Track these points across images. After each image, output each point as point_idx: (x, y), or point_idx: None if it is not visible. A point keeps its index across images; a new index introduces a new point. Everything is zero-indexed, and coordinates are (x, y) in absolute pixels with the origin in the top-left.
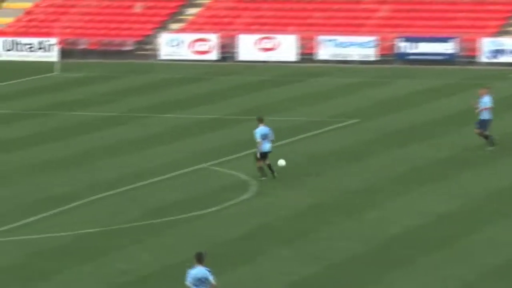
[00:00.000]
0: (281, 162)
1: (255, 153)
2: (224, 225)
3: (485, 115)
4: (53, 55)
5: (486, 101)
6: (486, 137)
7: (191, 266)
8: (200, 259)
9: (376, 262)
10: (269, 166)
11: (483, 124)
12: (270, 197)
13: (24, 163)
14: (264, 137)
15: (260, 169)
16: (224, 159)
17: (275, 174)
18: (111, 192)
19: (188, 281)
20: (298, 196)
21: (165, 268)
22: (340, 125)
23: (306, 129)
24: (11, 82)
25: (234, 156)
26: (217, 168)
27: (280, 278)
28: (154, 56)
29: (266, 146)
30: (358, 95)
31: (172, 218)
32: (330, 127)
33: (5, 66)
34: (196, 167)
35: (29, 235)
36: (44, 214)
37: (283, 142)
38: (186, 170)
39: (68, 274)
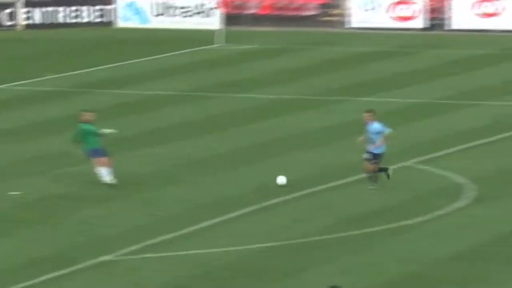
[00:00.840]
0: (282, 180)
1: None
2: (433, 240)
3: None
4: (214, 22)
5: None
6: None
7: None
8: None
9: None
10: None
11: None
12: (492, 207)
13: (180, 160)
14: None
15: None
16: (433, 155)
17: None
18: (288, 197)
19: None
20: None
21: None
22: None
23: None
24: (161, 56)
25: (446, 151)
26: (424, 167)
27: None
28: (343, 23)
29: None
30: None
31: (371, 229)
32: None
33: (155, 35)
34: (397, 165)
35: (193, 249)
36: (209, 223)
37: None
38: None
39: None
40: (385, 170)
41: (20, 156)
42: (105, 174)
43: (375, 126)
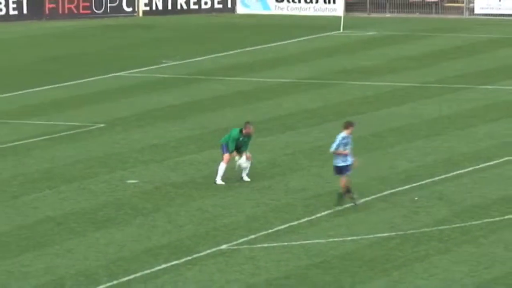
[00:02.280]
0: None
1: None
2: None
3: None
4: (338, 8)
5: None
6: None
7: None
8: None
9: None
10: None
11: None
12: None
13: (299, 147)
14: None
15: None
16: None
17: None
18: (407, 187)
19: None
20: None
21: (481, 285)
22: None
23: None
24: (284, 42)
25: None
26: None
27: None
28: (468, 10)
29: None
30: None
31: (489, 219)
32: None
33: (277, 22)
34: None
35: (309, 239)
36: (326, 212)
37: None
38: (507, 158)
39: None
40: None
41: (139, 143)
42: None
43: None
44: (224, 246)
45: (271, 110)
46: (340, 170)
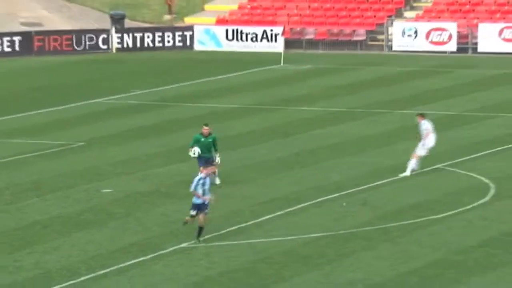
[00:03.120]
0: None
1: None
2: (460, 231)
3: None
4: (278, 46)
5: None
6: None
7: None
8: None
9: None
10: None
11: None
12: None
13: (246, 162)
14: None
15: None
16: (461, 159)
17: None
18: (337, 194)
19: None
20: None
21: (399, 276)
22: None
23: None
24: (234, 74)
25: (472, 156)
26: (454, 169)
27: None
28: (387, 47)
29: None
30: None
31: (406, 222)
32: None
33: (228, 57)
34: (431, 167)
35: (255, 238)
36: (269, 216)
37: None
38: (420, 170)
39: (295, 283)
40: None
41: (114, 159)
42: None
43: None
44: (184, 245)
45: (223, 131)
46: (197, 207)
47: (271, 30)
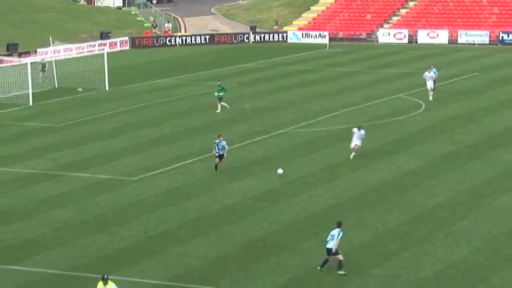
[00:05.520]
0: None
1: None
2: None
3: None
4: (325, 40)
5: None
6: None
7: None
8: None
9: None
10: None
11: None
12: None
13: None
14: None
15: None
16: None
17: None
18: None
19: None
20: None
21: None
22: None
23: None
24: (306, 53)
25: None
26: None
27: None
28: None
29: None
30: None
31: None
32: None
33: (302, 46)
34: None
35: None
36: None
37: None
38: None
39: None
40: None
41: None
42: None
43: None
44: None
45: (302, 78)
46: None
47: (322, 33)
